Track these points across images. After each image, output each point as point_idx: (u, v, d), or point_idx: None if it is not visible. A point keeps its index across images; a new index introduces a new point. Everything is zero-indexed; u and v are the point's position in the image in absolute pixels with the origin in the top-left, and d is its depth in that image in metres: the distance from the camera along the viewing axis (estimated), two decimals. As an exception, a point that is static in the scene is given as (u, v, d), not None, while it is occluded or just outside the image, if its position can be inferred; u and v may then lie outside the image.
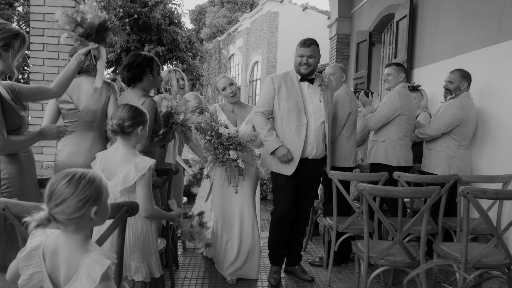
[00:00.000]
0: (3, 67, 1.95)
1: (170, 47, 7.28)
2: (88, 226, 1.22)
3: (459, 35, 4.19)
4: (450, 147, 3.48)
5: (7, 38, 1.92)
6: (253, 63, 17.79)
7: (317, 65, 3.01)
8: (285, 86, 3.00)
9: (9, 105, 1.96)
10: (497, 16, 3.60)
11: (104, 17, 2.23)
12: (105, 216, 1.26)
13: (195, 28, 33.68)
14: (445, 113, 3.44)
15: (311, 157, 3.01)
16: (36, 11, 3.68)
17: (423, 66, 4.97)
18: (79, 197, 1.15)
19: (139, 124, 2.00)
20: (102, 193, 1.21)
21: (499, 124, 3.45)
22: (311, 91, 3.03)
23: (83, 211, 1.15)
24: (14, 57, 1.97)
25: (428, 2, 4.96)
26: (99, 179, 1.21)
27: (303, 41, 2.99)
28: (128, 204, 1.56)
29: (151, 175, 1.96)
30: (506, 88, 3.42)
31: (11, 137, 1.95)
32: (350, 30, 7.94)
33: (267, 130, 2.97)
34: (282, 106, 2.99)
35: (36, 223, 1.12)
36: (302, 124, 2.94)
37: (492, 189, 2.32)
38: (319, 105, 3.01)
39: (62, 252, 1.19)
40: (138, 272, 1.93)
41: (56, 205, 1.14)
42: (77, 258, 1.17)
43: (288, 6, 15.79)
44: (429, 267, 1.52)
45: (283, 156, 2.92)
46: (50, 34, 3.66)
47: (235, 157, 2.88)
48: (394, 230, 2.73)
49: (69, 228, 1.18)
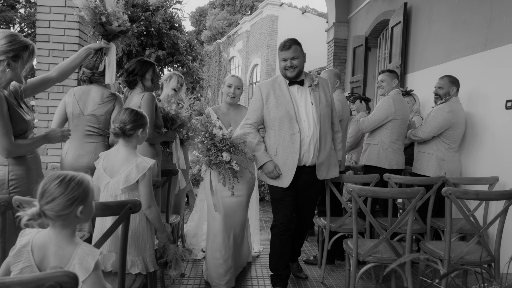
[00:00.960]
0: (11, 76, 2.07)
1: (171, 51, 7.42)
2: (74, 223, 1.36)
3: (450, 41, 4.34)
4: (440, 150, 3.62)
5: (17, 49, 2.04)
6: (252, 66, 17.95)
7: (303, 64, 2.87)
8: (274, 94, 2.86)
9: (16, 110, 2.08)
10: (485, 25, 3.75)
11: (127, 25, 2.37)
12: (89, 215, 1.40)
13: (196, 30, 33.86)
14: (435, 117, 3.59)
15: (308, 164, 2.85)
16: (42, 18, 3.83)
17: (416, 71, 5.12)
18: (68, 197, 1.28)
19: (139, 127, 2.15)
20: (89, 195, 1.35)
21: (486, 129, 3.60)
22: (301, 93, 2.88)
23: (70, 209, 1.29)
24: (23, 67, 2.09)
25: (421, 9, 5.11)
26: (87, 182, 1.36)
27: (282, 44, 2.85)
28: (131, 202, 1.70)
29: (151, 174, 2.10)
30: (491, 94, 3.57)
31: (18, 141, 2.07)
32: (347, 35, 8.10)
33: (255, 144, 2.87)
34: (272, 115, 2.85)
35: (28, 217, 1.27)
36: (295, 133, 2.79)
37: (473, 190, 2.46)
38: (312, 109, 2.85)
39: (51, 247, 1.33)
40: (134, 265, 2.06)
41: (47, 203, 1.28)
42: (68, 250, 1.31)
43: (288, 10, 15.95)
44: (406, 260, 1.66)
45: (269, 172, 2.81)
46: (55, 40, 3.80)
47: (228, 159, 2.77)
48: (383, 229, 2.87)
49: (57, 224, 1.32)
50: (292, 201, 2.90)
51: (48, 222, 1.32)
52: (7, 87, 2.12)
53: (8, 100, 2.06)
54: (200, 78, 9.67)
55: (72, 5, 3.78)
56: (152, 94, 2.87)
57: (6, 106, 2.01)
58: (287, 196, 2.88)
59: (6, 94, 2.07)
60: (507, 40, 3.45)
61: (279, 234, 2.91)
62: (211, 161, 2.81)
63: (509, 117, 3.35)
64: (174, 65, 7.99)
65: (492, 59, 3.61)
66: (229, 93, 3.19)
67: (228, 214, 3.04)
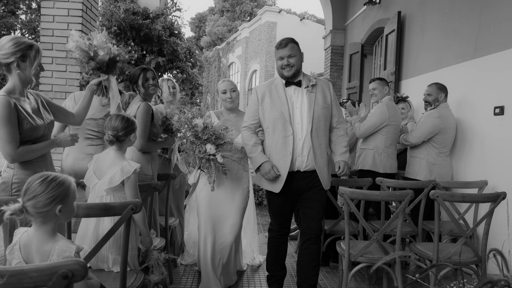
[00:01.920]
0: (22, 77, 2.18)
1: (170, 58, 7.55)
2: (54, 220, 1.46)
3: (441, 49, 4.46)
4: (431, 154, 3.74)
5: (23, 49, 2.15)
6: (251, 72, 18.11)
7: (300, 64, 2.78)
8: (269, 95, 2.78)
9: (25, 118, 2.15)
10: (474, 34, 3.88)
11: (115, 52, 2.53)
12: (70, 214, 1.51)
13: (195, 35, 34.10)
14: (425, 123, 3.71)
15: (302, 169, 2.72)
16: (46, 26, 3.96)
17: (410, 78, 5.24)
18: (47, 195, 1.40)
19: (131, 132, 2.33)
20: (69, 195, 1.46)
21: (475, 134, 3.72)
22: (298, 95, 2.77)
23: (49, 208, 1.40)
24: (31, 66, 2.19)
25: (414, 18, 5.25)
26: (68, 183, 1.46)
27: (279, 43, 2.77)
28: (133, 202, 1.81)
29: (136, 177, 2.22)
30: (479, 101, 3.69)
31: (24, 147, 2.15)
32: (344, 42, 8.24)
33: (251, 145, 2.77)
34: (266, 117, 2.77)
35: (11, 212, 1.38)
36: (288, 135, 2.69)
37: (460, 193, 2.58)
38: (306, 110, 2.73)
39: (34, 243, 1.44)
40: (116, 263, 2.16)
41: (28, 199, 1.40)
42: (48, 247, 1.42)
43: (286, 16, 16.14)
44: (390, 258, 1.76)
45: (266, 173, 2.69)
46: (58, 48, 3.93)
47: (212, 152, 2.65)
48: (373, 231, 2.97)
49: (37, 220, 1.43)
50: (288, 209, 2.84)
51: (30, 219, 1.43)
52: (23, 94, 2.22)
53: (18, 108, 2.13)
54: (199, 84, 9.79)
55: (75, 14, 3.92)
56: (148, 104, 3.00)
57: (14, 114, 2.10)
58: (283, 203, 2.81)
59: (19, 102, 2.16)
60: (495, 49, 3.57)
61: (276, 237, 2.92)
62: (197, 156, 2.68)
63: (497, 123, 3.47)
64: (173, 71, 8.11)
65: (481, 67, 3.74)
66: (226, 99, 3.15)
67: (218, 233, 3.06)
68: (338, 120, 2.86)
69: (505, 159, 3.34)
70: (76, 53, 2.45)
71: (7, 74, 2.20)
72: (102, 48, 2.48)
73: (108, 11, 7.02)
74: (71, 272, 0.92)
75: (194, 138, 2.66)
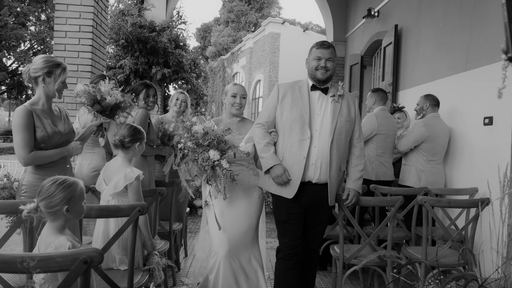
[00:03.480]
0: (46, 90, 2.44)
1: (176, 69, 7.79)
2: (63, 218, 1.63)
3: (435, 62, 4.65)
4: (419, 162, 3.91)
5: (50, 66, 2.43)
6: (255, 82, 18.38)
7: (334, 71, 2.63)
8: (291, 95, 2.61)
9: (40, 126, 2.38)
10: (465, 47, 4.06)
11: (120, 99, 2.74)
12: (78, 214, 1.68)
13: (201, 45, 34.60)
14: (411, 131, 3.92)
15: (314, 180, 2.54)
16: (58, 42, 4.20)
17: (407, 89, 5.42)
18: (55, 197, 1.58)
19: (136, 140, 2.52)
20: (74, 197, 1.63)
21: (466, 143, 3.88)
22: (322, 102, 2.61)
23: (58, 207, 1.59)
24: (55, 82, 2.45)
25: (410, 31, 5.44)
26: (75, 186, 1.64)
27: (320, 43, 2.61)
28: (140, 205, 1.99)
29: (139, 183, 2.40)
30: (470, 111, 3.86)
31: (37, 152, 2.37)
32: (344, 53, 8.45)
33: (264, 145, 2.57)
34: (284, 117, 2.59)
35: (27, 210, 1.58)
36: (305, 139, 2.51)
37: (446, 199, 2.74)
38: (328, 119, 2.57)
39: (43, 236, 1.64)
40: (122, 263, 2.34)
41: (41, 200, 1.59)
42: (50, 239, 1.60)
43: (289, 28, 16.43)
44: (375, 257, 1.93)
45: (278, 177, 2.50)
46: (70, 62, 4.16)
47: (217, 158, 2.47)
48: (367, 235, 3.13)
49: (49, 218, 1.62)
50: (299, 221, 2.58)
51: (44, 217, 1.62)
52: (48, 105, 2.48)
53: (35, 117, 2.37)
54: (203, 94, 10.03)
55: (86, 30, 4.16)
56: (146, 111, 3.29)
57: (31, 122, 2.34)
58: (293, 215, 2.57)
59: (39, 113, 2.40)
60: (484, 62, 3.75)
61: (285, 258, 2.58)
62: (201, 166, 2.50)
63: (486, 132, 3.63)
64: (178, 82, 8.36)
65: (471, 79, 3.91)
66: (234, 104, 2.90)
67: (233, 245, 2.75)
68: (359, 138, 2.71)
69: (494, 167, 3.49)
70: (83, 98, 2.65)
71: (34, 86, 2.47)
72: (108, 93, 2.69)
73: (116, 25, 7.30)
74: (90, 258, 1.10)
75: (195, 146, 2.50)
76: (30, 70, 2.42)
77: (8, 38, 21.09)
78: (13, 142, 2.34)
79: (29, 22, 23.96)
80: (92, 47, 4.22)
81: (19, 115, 2.32)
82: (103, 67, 4.60)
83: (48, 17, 24.63)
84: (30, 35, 23.04)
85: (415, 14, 5.29)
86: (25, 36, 22.62)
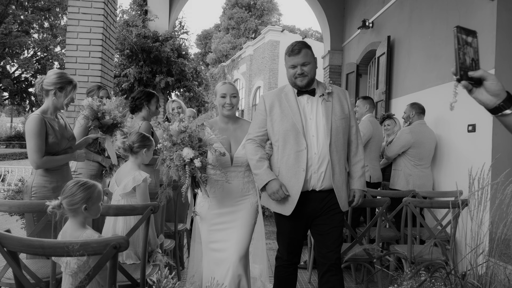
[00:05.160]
0: (56, 103, 2.71)
1: (179, 77, 8.10)
2: (82, 215, 1.86)
3: (424, 72, 4.92)
4: (407, 166, 4.18)
5: (63, 82, 2.70)
6: (255, 88, 18.69)
7: (314, 71, 2.45)
8: (279, 105, 2.47)
9: (51, 133, 2.67)
10: (451, 59, 4.34)
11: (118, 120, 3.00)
12: (95, 213, 1.91)
13: (202, 52, 35.02)
14: (398, 138, 4.20)
15: (318, 188, 2.40)
16: (70, 55, 4.48)
17: (399, 97, 5.69)
18: (76, 196, 1.82)
19: (144, 147, 2.77)
20: (92, 198, 1.86)
21: (452, 149, 4.14)
22: (312, 104, 2.47)
23: (77, 206, 1.83)
24: (65, 97, 2.73)
25: (401, 42, 5.73)
26: (93, 188, 1.88)
27: (290, 49, 2.43)
28: (153, 204, 2.25)
29: (146, 185, 2.63)
30: (455, 119, 4.13)
31: (48, 157, 2.65)
32: (341, 62, 8.74)
33: (256, 161, 2.43)
34: (276, 128, 2.46)
35: (52, 207, 1.82)
36: (302, 149, 2.37)
37: (428, 200, 2.99)
38: (322, 121, 2.43)
39: (68, 231, 1.87)
40: (129, 257, 2.58)
41: (64, 198, 1.84)
42: (78, 233, 1.84)
43: (289, 35, 16.77)
44: (360, 250, 2.18)
45: (274, 193, 2.36)
46: (81, 73, 4.45)
47: (190, 156, 2.29)
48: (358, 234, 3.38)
49: (70, 214, 1.85)
50: (300, 234, 2.51)
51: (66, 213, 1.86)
52: (54, 114, 2.75)
53: (47, 125, 2.65)
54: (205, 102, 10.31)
55: (96, 43, 4.44)
56: (149, 123, 3.53)
57: (44, 130, 2.62)
58: (294, 228, 2.47)
59: (49, 121, 2.68)
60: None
61: (284, 266, 2.56)
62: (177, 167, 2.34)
63: (470, 138, 3.89)
64: (181, 90, 8.66)
65: (457, 89, 4.17)
66: (225, 104, 2.69)
67: None
68: (356, 133, 2.59)
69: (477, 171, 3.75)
70: (86, 111, 2.92)
71: (44, 97, 2.73)
72: (109, 113, 2.95)
73: (121, 36, 7.60)
74: (118, 244, 1.36)
75: (171, 145, 2.37)
76: (43, 83, 2.69)
77: (12, 45, 21.45)
78: (27, 147, 2.60)
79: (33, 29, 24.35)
80: (102, 59, 4.50)
81: (34, 122, 2.58)
82: (111, 78, 4.88)
83: (51, 25, 25.05)
84: (34, 43, 23.39)
85: (406, 26, 5.58)
86: (29, 44, 22.98)
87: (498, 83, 1.38)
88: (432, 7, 4.86)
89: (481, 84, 1.36)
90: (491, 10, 3.76)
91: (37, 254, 1.48)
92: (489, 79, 1.34)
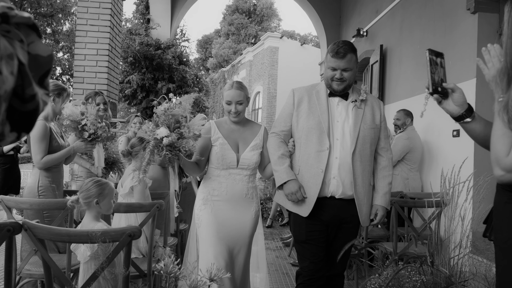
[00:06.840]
0: (54, 108, 2.97)
1: (180, 84, 8.38)
2: (95, 210, 2.09)
3: (414, 80, 5.18)
4: (404, 170, 4.42)
5: (59, 89, 2.98)
6: (255, 93, 18.98)
7: (353, 79, 2.32)
8: (308, 100, 2.36)
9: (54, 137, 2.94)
10: (438, 68, 4.60)
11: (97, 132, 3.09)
12: (107, 208, 2.13)
13: (202, 57, 35.37)
14: (396, 144, 4.41)
15: (338, 195, 2.29)
16: (78, 64, 4.76)
17: (391, 103, 5.95)
18: (89, 192, 2.06)
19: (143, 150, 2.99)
20: (102, 194, 2.09)
21: (438, 152, 4.40)
22: (342, 108, 2.35)
23: (90, 200, 2.07)
24: (62, 103, 3.01)
25: (393, 51, 5.99)
26: (104, 186, 2.11)
27: (335, 50, 2.23)
28: (158, 203, 2.49)
29: (144, 186, 2.85)
30: (442, 125, 4.38)
31: (47, 156, 2.88)
32: (337, 68, 9.01)
33: (278, 157, 2.32)
34: (300, 125, 2.35)
35: (71, 201, 2.07)
36: (324, 150, 2.26)
37: (412, 200, 3.24)
38: (350, 127, 2.31)
39: (84, 223, 2.10)
40: (132, 252, 2.77)
41: (80, 192, 2.09)
42: (92, 225, 2.07)
43: (287, 42, 17.07)
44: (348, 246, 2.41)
45: (291, 194, 2.25)
46: (88, 82, 4.71)
47: (163, 134, 2.20)
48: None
49: (85, 208, 2.09)
50: (321, 241, 2.32)
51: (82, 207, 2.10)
52: (53, 120, 3.03)
53: (51, 130, 2.93)
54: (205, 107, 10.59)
55: (102, 53, 4.71)
56: None
57: (48, 134, 2.88)
58: (314, 233, 2.31)
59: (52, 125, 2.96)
60: (455, 80, 4.25)
61: (305, 284, 2.34)
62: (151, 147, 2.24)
63: (455, 143, 4.14)
64: (182, 95, 8.94)
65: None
66: (230, 111, 2.52)
67: None
68: (385, 146, 2.44)
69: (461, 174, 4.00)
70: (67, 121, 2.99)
71: None
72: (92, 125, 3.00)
73: (125, 44, 7.88)
74: (133, 233, 1.60)
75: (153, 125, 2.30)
76: None
77: (15, 51, 21.73)
78: (32, 151, 2.84)
79: (35, 34, 24.63)
80: (108, 68, 4.76)
81: (39, 128, 2.83)
82: (117, 86, 5.14)
83: (53, 30, 25.39)
84: (36, 48, 23.66)
85: (397, 35, 5.84)
86: (32, 49, 23.25)
87: (464, 96, 1.68)
88: (421, 17, 5.13)
89: (448, 97, 1.68)
90: (473, 22, 4.02)
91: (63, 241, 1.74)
92: (457, 92, 1.67)
